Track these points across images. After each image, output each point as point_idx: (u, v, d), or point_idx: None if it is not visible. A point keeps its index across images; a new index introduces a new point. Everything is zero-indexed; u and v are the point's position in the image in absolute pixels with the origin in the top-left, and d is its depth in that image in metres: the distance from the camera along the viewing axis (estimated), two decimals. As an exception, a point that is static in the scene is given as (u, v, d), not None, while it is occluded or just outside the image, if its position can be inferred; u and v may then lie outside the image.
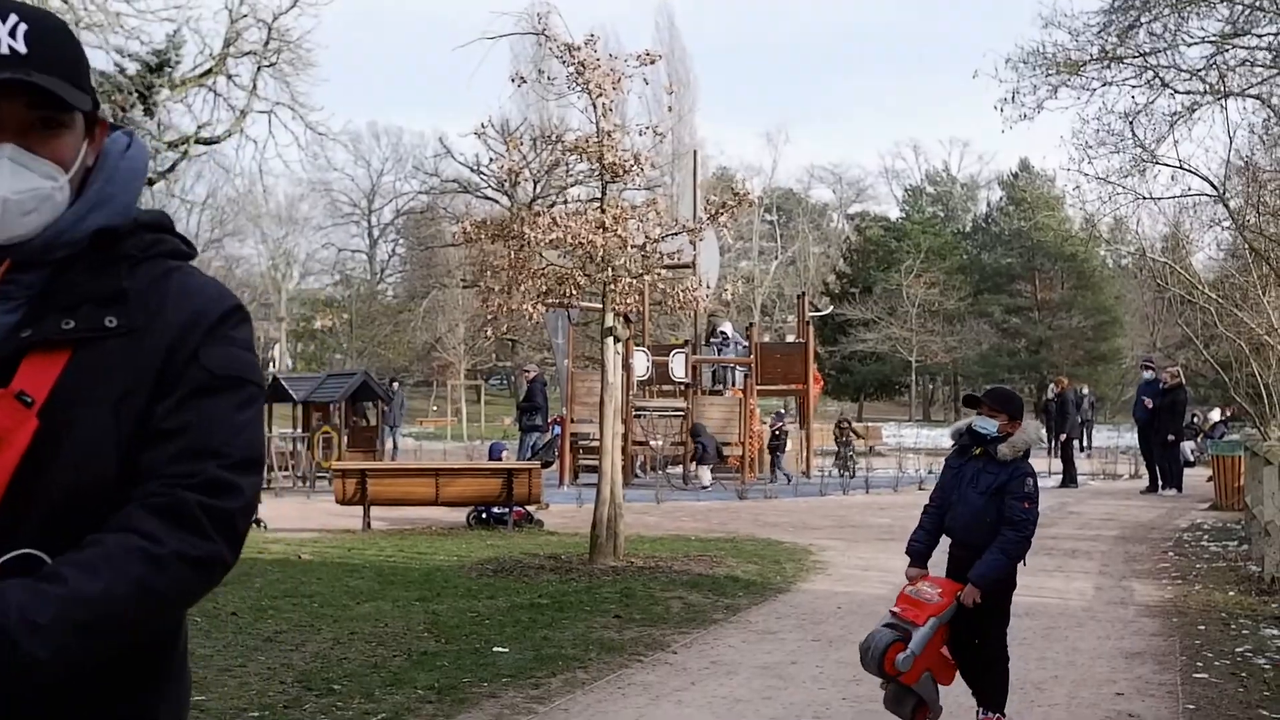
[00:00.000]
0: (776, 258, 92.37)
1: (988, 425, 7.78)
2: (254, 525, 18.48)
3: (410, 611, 11.85)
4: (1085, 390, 43.51)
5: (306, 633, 10.82)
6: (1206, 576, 14.60)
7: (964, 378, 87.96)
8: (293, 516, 20.80)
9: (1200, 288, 14.75)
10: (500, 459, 22.90)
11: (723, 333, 30.93)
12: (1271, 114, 24.14)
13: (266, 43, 40.96)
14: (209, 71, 39.07)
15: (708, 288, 18.74)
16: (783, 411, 29.33)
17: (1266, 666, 9.81)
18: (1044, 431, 8.67)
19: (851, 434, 29.04)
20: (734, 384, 31.00)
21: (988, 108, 26.53)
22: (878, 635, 7.61)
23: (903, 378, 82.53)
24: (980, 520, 7.69)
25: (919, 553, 8.01)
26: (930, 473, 29.39)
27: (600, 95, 14.23)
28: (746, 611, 12.26)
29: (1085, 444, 38.49)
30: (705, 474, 27.11)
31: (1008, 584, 7.81)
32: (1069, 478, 27.80)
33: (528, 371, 30.78)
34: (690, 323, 30.45)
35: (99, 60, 28.26)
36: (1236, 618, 11.87)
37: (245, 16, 40.41)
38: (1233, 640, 10.81)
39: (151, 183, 38.99)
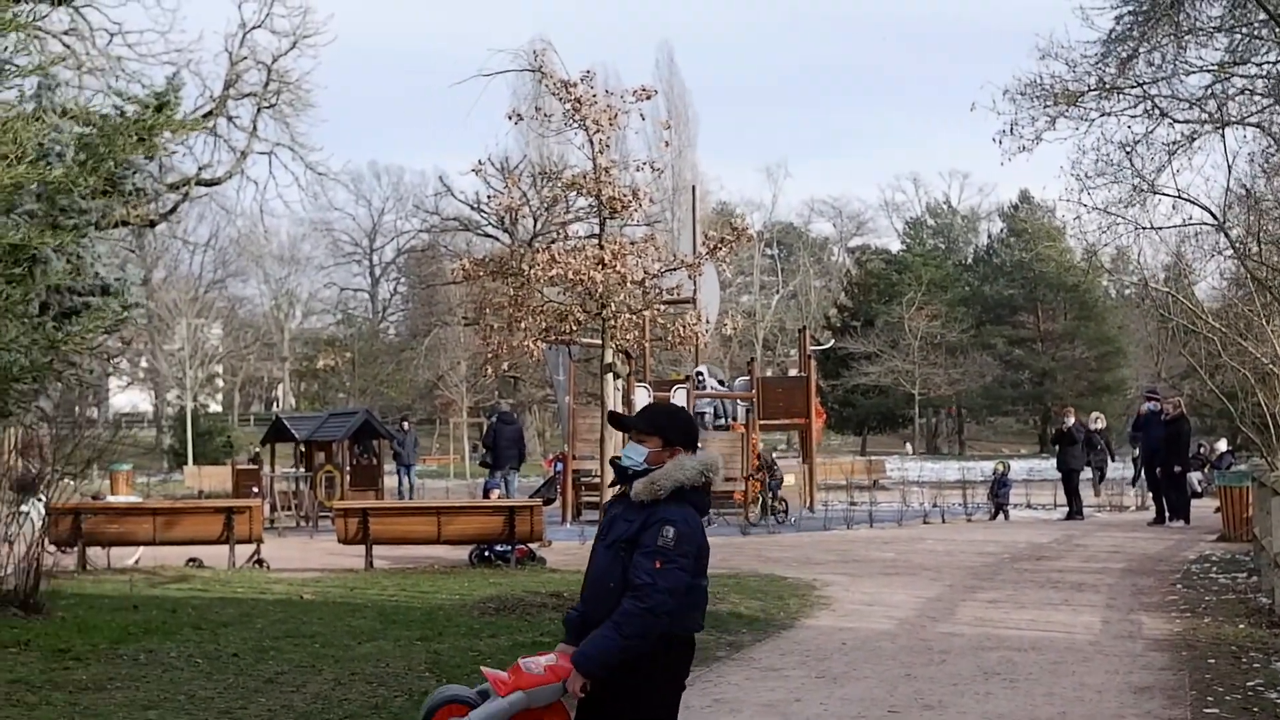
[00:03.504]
0: (777, 292, 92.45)
1: (633, 454, 5.82)
2: (256, 566, 18.48)
3: (412, 651, 11.75)
4: (1101, 424, 39.99)
5: (307, 674, 10.73)
6: (1216, 609, 14.48)
7: (967, 410, 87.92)
8: (295, 557, 20.69)
9: (1204, 317, 14.69)
10: (489, 496, 22.81)
11: (699, 373, 30.75)
12: (1271, 142, 24.12)
13: (266, 84, 41.11)
14: (210, 113, 39.18)
15: (708, 323, 18.70)
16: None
17: (1279, 701, 9.71)
18: (716, 464, 5.55)
19: (770, 470, 27.37)
20: (736, 419, 30.89)
21: (987, 140, 26.54)
22: (442, 690, 6.16)
23: (906, 411, 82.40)
24: (604, 586, 5.68)
25: (569, 622, 5.93)
26: (935, 506, 29.28)
27: (597, 131, 14.22)
28: (750, 648, 12.16)
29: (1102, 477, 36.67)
30: None
31: (648, 679, 5.65)
32: (1074, 510, 27.68)
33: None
34: (691, 358, 30.35)
35: (100, 104, 28.33)
36: (1247, 651, 11.76)
37: (245, 59, 40.59)
38: (1244, 674, 10.70)
39: (153, 224, 39.12)
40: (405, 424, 37.33)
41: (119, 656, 11.33)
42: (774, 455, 27.77)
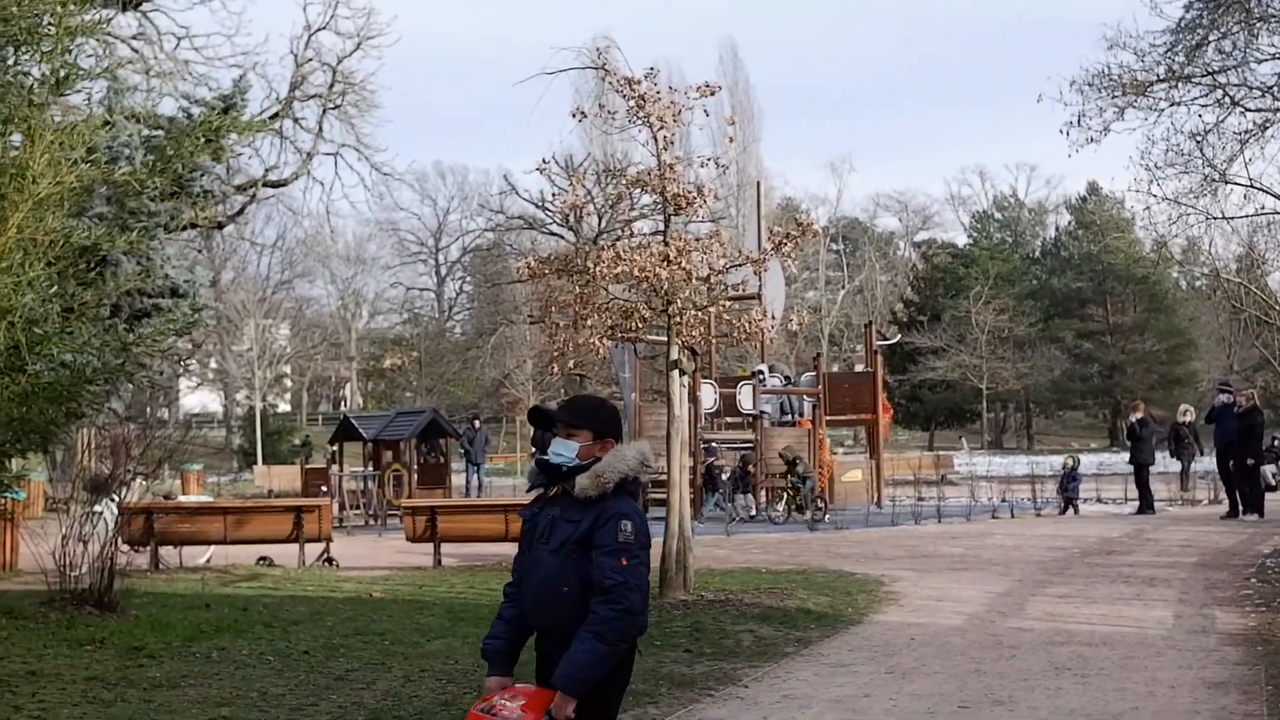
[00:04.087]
0: (843, 287, 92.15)
1: (564, 450, 5.50)
2: (326, 564, 18.63)
3: (480, 648, 11.77)
4: (1190, 417, 37.13)
5: (378, 671, 10.79)
6: (1290, 603, 14.31)
7: (1036, 404, 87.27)
8: (364, 555, 20.82)
9: (1277, 308, 14.48)
10: None
11: (759, 371, 30.64)
12: (1346, 130, 23.76)
13: (331, 85, 41.38)
14: (275, 115, 39.46)
15: (773, 318, 18.64)
16: (715, 445, 28.46)
17: (1354, 694, 9.58)
18: (650, 454, 5.27)
19: (798, 467, 26.83)
20: (802, 415, 30.81)
21: (1054, 131, 26.25)
22: None
23: (974, 405, 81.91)
24: (554, 591, 5.35)
25: (496, 653, 5.56)
26: (1003, 501, 29.07)
27: (661, 128, 14.20)
28: (818, 644, 12.13)
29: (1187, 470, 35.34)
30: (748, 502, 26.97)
31: (614, 680, 5.40)
32: (1145, 504, 27.40)
33: None
34: (757, 354, 30.26)
35: (168, 107, 28.64)
36: (1322, 645, 11.62)
37: (310, 60, 40.87)
38: (1318, 668, 10.57)
39: (221, 226, 39.44)
40: (476, 422, 37.44)
41: (192, 654, 11.44)
42: (798, 453, 27.49)
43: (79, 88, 15.40)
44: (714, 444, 28.36)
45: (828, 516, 25.78)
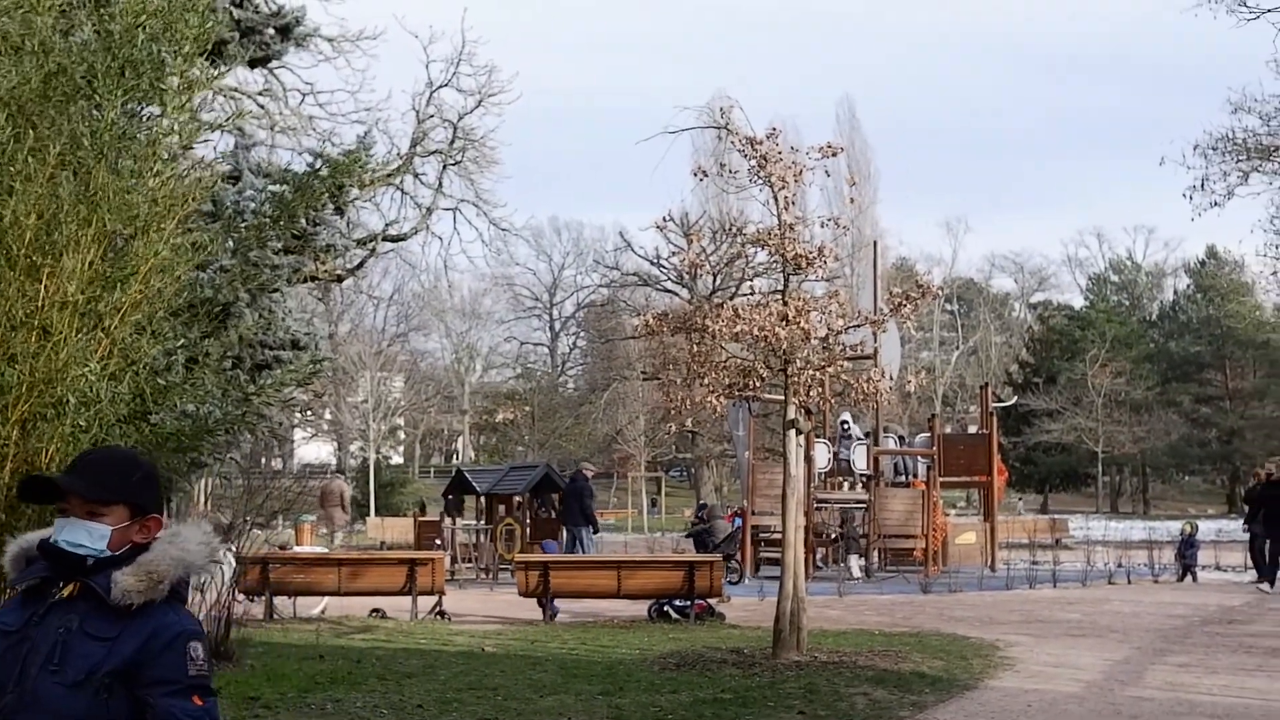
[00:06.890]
0: (958, 348, 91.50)
1: (87, 539, 3.66)
2: (438, 617, 18.73)
3: (593, 705, 11.79)
4: None
5: (490, 726, 10.83)
6: None
7: (1152, 468, 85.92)
8: (476, 608, 20.92)
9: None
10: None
11: (844, 423, 30.30)
12: None
13: (452, 142, 41.86)
14: (396, 170, 39.99)
15: (890, 379, 18.53)
16: (706, 503, 27.95)
17: None
18: (216, 549, 3.91)
19: (708, 526, 26.80)
20: (916, 475, 30.55)
21: (1172, 194, 26.13)
22: None
23: (1089, 469, 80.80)
24: None
25: None
26: (1119, 566, 28.58)
27: (782, 188, 14.24)
28: (933, 709, 11.98)
29: None
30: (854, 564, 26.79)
31: None
32: (1265, 573, 26.75)
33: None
34: (871, 414, 30.05)
35: (292, 161, 29.13)
36: None
37: (432, 117, 41.39)
38: None
39: (340, 280, 39.99)
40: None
41: (307, 705, 11.55)
42: (717, 508, 27.26)
43: (203, 139, 15.77)
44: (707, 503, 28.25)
45: (745, 579, 25.55)
